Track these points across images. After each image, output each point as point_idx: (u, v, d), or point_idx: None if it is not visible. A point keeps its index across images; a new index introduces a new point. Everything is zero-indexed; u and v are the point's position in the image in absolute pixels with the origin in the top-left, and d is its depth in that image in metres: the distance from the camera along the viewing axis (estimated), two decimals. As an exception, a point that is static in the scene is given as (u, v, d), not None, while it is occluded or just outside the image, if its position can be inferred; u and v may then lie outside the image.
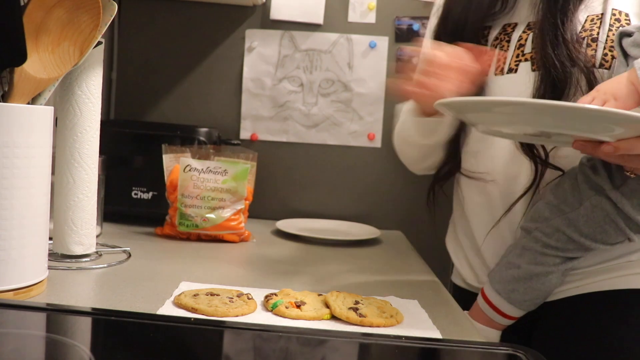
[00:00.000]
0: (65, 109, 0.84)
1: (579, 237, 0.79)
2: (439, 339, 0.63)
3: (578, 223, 0.79)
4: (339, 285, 0.85)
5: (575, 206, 0.80)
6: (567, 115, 0.65)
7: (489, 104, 0.73)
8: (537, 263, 0.82)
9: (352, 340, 0.58)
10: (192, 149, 1.10)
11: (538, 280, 0.83)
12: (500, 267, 0.87)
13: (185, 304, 0.68)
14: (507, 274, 0.85)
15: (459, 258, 1.02)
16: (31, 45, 0.69)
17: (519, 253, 0.85)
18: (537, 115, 0.67)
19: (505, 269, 0.86)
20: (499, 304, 0.85)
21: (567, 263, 0.82)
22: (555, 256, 0.82)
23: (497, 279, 0.86)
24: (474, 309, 0.89)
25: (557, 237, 0.81)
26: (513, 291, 0.84)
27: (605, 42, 0.81)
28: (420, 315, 0.72)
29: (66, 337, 0.54)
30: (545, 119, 0.67)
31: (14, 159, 0.64)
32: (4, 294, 0.65)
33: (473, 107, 0.73)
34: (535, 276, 0.83)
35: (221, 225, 1.07)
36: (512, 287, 0.84)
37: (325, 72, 1.38)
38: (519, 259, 0.84)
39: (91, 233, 0.87)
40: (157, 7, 1.39)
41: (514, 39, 0.88)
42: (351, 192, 1.41)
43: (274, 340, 0.56)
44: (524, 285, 0.83)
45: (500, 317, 0.86)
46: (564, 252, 0.81)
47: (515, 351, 0.55)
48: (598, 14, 0.83)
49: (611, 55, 0.81)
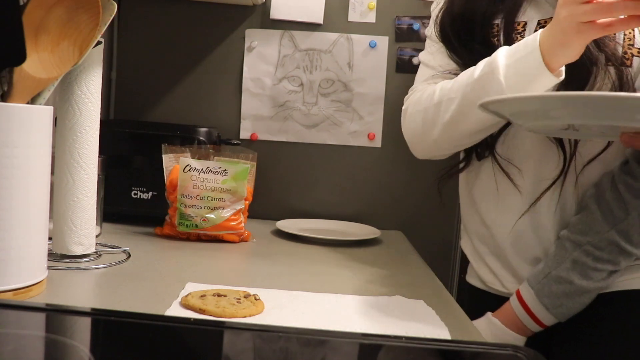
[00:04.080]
0: (65, 108, 0.84)
1: (632, 247, 0.80)
2: (439, 339, 0.63)
3: (629, 233, 0.79)
4: (339, 286, 0.85)
5: (622, 217, 0.80)
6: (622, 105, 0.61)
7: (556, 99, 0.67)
8: (588, 277, 0.82)
9: (352, 340, 0.57)
10: (192, 148, 1.10)
11: (588, 296, 0.83)
12: (548, 280, 0.85)
13: (193, 305, 0.68)
14: (558, 289, 0.84)
15: (477, 260, 1.00)
16: (30, 44, 0.69)
17: (570, 267, 0.83)
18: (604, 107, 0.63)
19: (556, 284, 0.84)
20: (543, 317, 0.84)
21: (612, 276, 0.83)
22: (603, 270, 0.82)
23: (545, 292, 0.84)
24: (504, 313, 0.87)
25: (610, 250, 0.81)
26: (561, 306, 0.83)
27: (623, 40, 0.81)
28: (428, 315, 0.73)
29: (66, 337, 0.54)
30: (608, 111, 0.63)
31: (13, 159, 0.64)
32: (4, 294, 0.65)
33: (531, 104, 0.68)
34: (586, 292, 0.82)
35: (221, 225, 1.07)
36: (561, 302, 0.83)
37: (325, 72, 1.38)
38: (570, 273, 0.83)
39: (91, 233, 0.87)
40: (157, 7, 1.39)
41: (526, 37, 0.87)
42: (351, 192, 1.41)
43: (274, 340, 0.56)
44: (574, 300, 0.83)
45: (536, 326, 0.85)
46: (614, 265, 0.81)
47: (516, 351, 0.55)
48: None
49: (631, 53, 0.81)
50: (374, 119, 1.39)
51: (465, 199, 1.02)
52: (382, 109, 1.38)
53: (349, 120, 1.39)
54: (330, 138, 1.40)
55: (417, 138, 0.94)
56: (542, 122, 0.72)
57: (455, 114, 0.84)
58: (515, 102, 0.68)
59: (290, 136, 1.40)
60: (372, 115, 1.39)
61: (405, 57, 1.38)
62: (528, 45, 0.75)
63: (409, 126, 0.95)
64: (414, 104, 0.93)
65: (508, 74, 0.76)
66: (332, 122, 1.39)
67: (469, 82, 0.82)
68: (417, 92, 0.95)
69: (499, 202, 0.93)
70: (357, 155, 1.40)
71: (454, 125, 0.85)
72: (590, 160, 0.86)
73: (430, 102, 0.88)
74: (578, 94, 0.64)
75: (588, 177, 0.87)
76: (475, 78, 0.80)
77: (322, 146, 1.40)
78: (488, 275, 0.98)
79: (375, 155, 1.40)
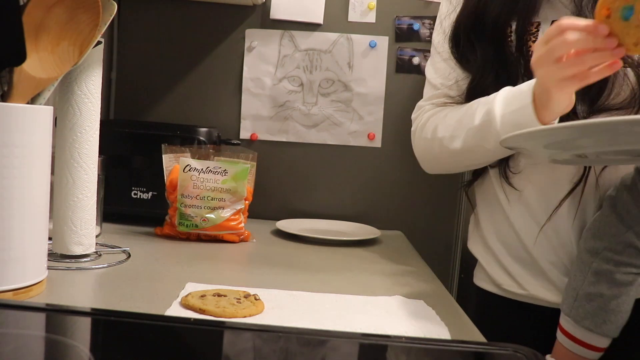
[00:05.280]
0: (65, 108, 0.84)
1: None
2: (439, 339, 0.63)
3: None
4: (339, 286, 0.85)
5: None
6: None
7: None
8: (617, 284, 0.78)
9: (352, 340, 0.57)
10: (192, 148, 1.10)
11: (624, 302, 0.78)
12: (580, 302, 0.80)
13: (193, 305, 0.68)
14: (592, 306, 0.79)
15: (490, 262, 0.97)
16: (30, 44, 0.68)
17: (594, 280, 0.79)
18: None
19: (588, 302, 0.79)
20: (593, 340, 0.80)
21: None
22: (628, 273, 0.78)
23: (582, 315, 0.79)
24: (558, 352, 0.82)
25: (629, 253, 0.77)
26: (605, 322, 0.79)
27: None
28: (428, 315, 0.73)
29: (66, 337, 0.54)
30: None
31: (13, 159, 0.64)
32: (4, 294, 0.65)
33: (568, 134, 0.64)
34: (622, 299, 0.78)
35: (221, 225, 1.07)
36: (603, 319, 0.78)
37: (325, 72, 1.38)
38: (596, 286, 0.79)
39: (91, 233, 0.87)
40: (157, 7, 1.39)
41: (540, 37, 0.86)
42: (351, 192, 1.41)
43: (274, 340, 0.56)
44: (614, 312, 0.78)
45: (593, 352, 0.80)
46: (637, 268, 0.78)
47: (516, 351, 0.55)
48: None
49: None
50: (374, 119, 1.39)
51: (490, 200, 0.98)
52: (382, 109, 1.38)
53: (349, 120, 1.39)
54: (330, 138, 1.40)
55: (427, 159, 0.99)
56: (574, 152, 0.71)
57: (460, 152, 0.89)
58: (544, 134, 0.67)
59: (290, 136, 1.40)
60: (372, 115, 1.39)
61: (405, 57, 1.38)
62: (523, 97, 0.79)
63: (418, 148, 1.00)
64: (420, 130, 0.98)
65: (504, 123, 0.81)
66: (332, 122, 1.39)
67: (470, 127, 0.86)
68: (422, 117, 0.98)
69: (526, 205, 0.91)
70: (357, 155, 1.40)
71: (460, 157, 0.91)
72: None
73: (434, 135, 0.93)
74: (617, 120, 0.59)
75: (608, 180, 0.85)
76: (474, 125, 0.85)
77: (322, 146, 1.40)
78: (503, 277, 0.94)
79: (375, 155, 1.40)
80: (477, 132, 0.85)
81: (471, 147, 0.88)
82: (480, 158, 0.91)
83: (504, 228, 0.94)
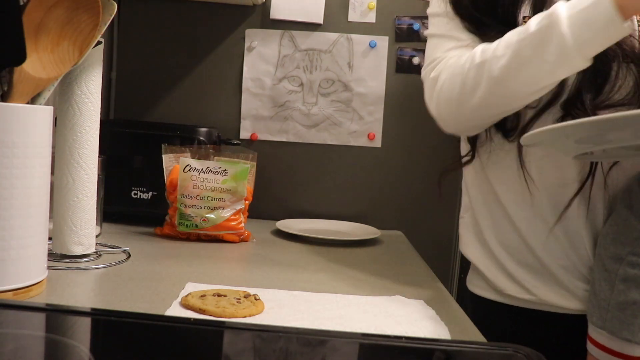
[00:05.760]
0: (65, 108, 0.84)
1: None
2: (439, 339, 0.63)
3: None
4: (339, 286, 0.85)
5: None
6: None
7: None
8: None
9: (352, 340, 0.57)
10: (192, 148, 1.10)
11: None
12: (613, 312, 0.76)
13: (193, 305, 0.68)
14: (628, 315, 0.75)
15: (490, 268, 0.91)
16: (30, 44, 0.68)
17: (624, 288, 0.75)
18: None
19: (622, 312, 0.75)
20: (633, 351, 0.75)
21: None
22: None
23: (618, 326, 0.75)
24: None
25: None
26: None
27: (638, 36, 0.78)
28: (428, 315, 0.73)
29: (66, 337, 0.54)
30: None
31: (13, 159, 0.64)
32: (4, 294, 0.65)
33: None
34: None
35: (221, 225, 1.07)
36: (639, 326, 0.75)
37: (325, 72, 1.38)
38: (628, 293, 0.75)
39: (91, 233, 0.87)
40: (157, 7, 1.39)
41: None
42: (351, 192, 1.41)
43: (274, 340, 0.56)
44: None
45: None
46: None
47: (516, 351, 0.55)
48: None
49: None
50: (374, 119, 1.39)
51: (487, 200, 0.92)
52: (382, 109, 1.38)
53: (349, 120, 1.39)
54: (330, 138, 1.40)
55: (454, 105, 0.82)
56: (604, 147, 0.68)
57: (505, 71, 0.74)
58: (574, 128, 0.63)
59: (290, 136, 1.40)
60: (372, 115, 1.39)
61: (405, 57, 1.38)
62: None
63: (442, 93, 0.83)
64: (450, 68, 0.82)
65: (572, 24, 0.68)
66: (332, 122, 1.39)
67: (521, 38, 0.73)
68: (450, 58, 0.84)
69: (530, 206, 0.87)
70: (357, 155, 1.40)
71: (503, 83, 0.76)
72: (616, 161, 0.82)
73: (471, 63, 0.78)
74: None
75: (616, 179, 0.83)
76: (530, 32, 0.72)
77: (322, 146, 1.40)
78: (506, 282, 0.90)
79: (375, 155, 1.40)
80: (533, 40, 0.71)
81: (522, 62, 0.73)
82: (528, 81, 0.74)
83: (507, 230, 0.89)
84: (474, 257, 0.94)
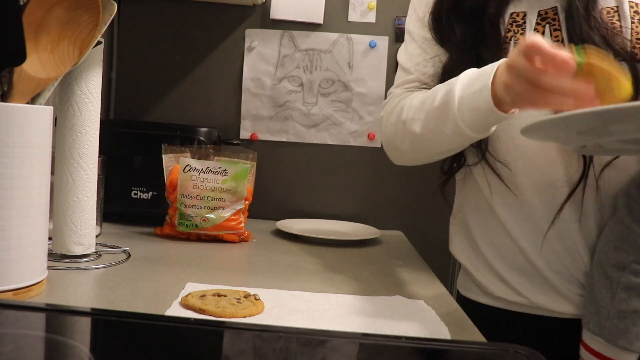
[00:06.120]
0: (65, 108, 0.84)
1: None
2: (439, 339, 0.63)
3: None
4: (339, 286, 0.85)
5: None
6: None
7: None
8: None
9: (352, 340, 0.57)
10: (192, 148, 1.10)
11: None
12: (612, 320, 0.75)
13: (193, 305, 0.68)
14: (627, 324, 0.74)
15: (484, 272, 0.91)
16: (30, 44, 0.69)
17: (625, 297, 0.74)
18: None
19: (621, 321, 0.74)
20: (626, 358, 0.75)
21: None
22: None
23: (616, 334, 0.75)
24: None
25: None
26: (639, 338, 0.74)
27: (631, 35, 0.78)
28: (428, 315, 0.73)
29: (66, 337, 0.54)
30: None
31: (13, 159, 0.64)
32: (4, 294, 0.65)
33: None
34: None
35: (221, 225, 1.07)
36: (637, 335, 0.74)
37: (325, 72, 1.38)
38: (629, 302, 0.74)
39: (91, 233, 0.87)
40: (157, 7, 1.39)
41: (528, 30, 0.82)
42: (351, 192, 1.41)
43: (274, 340, 0.56)
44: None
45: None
46: None
47: (516, 351, 0.55)
48: (613, 6, 0.80)
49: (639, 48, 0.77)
50: (374, 119, 1.39)
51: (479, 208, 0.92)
52: (382, 109, 1.38)
53: (349, 120, 1.39)
54: (330, 138, 1.40)
55: (391, 146, 0.92)
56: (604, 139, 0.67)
57: (420, 134, 0.82)
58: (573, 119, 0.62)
59: (290, 136, 1.40)
60: (372, 115, 1.39)
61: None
62: (484, 78, 0.72)
63: (383, 133, 0.94)
64: (387, 115, 0.92)
65: (461, 105, 0.74)
66: (332, 122, 1.39)
67: (429, 109, 0.80)
68: (390, 102, 0.93)
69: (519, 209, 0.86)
70: (357, 155, 1.40)
71: (422, 142, 0.84)
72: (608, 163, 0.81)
73: (398, 118, 0.87)
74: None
75: (609, 182, 0.82)
76: (434, 106, 0.79)
77: (322, 146, 1.40)
78: (497, 284, 0.89)
79: (375, 155, 1.40)
80: (435, 114, 0.78)
81: (430, 131, 0.80)
82: (438, 146, 0.82)
83: (498, 234, 0.88)
84: (464, 258, 0.94)
